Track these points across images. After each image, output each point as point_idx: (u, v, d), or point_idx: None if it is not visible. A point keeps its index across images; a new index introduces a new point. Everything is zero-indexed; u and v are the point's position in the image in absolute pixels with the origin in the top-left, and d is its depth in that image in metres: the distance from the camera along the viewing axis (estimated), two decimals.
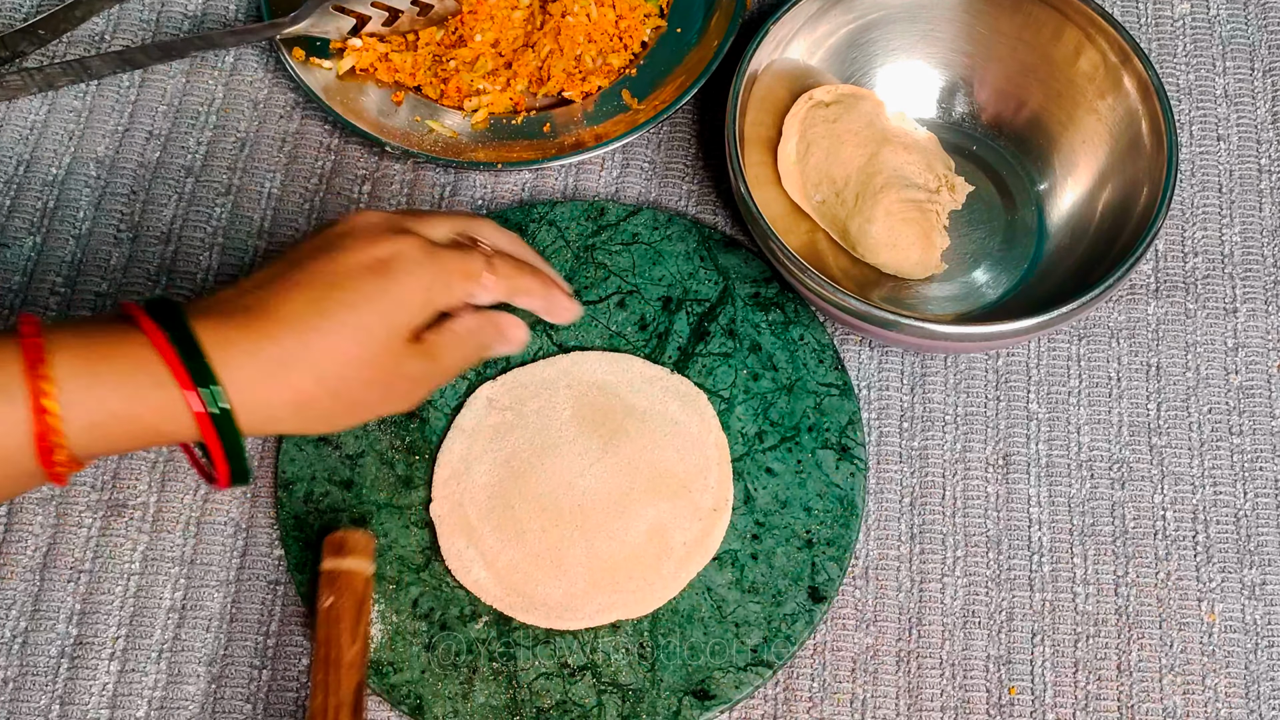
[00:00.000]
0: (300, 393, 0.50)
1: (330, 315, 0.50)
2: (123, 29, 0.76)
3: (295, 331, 0.50)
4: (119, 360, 0.48)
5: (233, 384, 0.48)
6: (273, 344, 0.49)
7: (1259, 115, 0.74)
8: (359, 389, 0.51)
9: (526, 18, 0.74)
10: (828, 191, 0.69)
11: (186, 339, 0.48)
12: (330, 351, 0.50)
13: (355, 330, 0.51)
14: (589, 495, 0.63)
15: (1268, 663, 0.62)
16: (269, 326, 0.50)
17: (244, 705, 0.61)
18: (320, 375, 0.50)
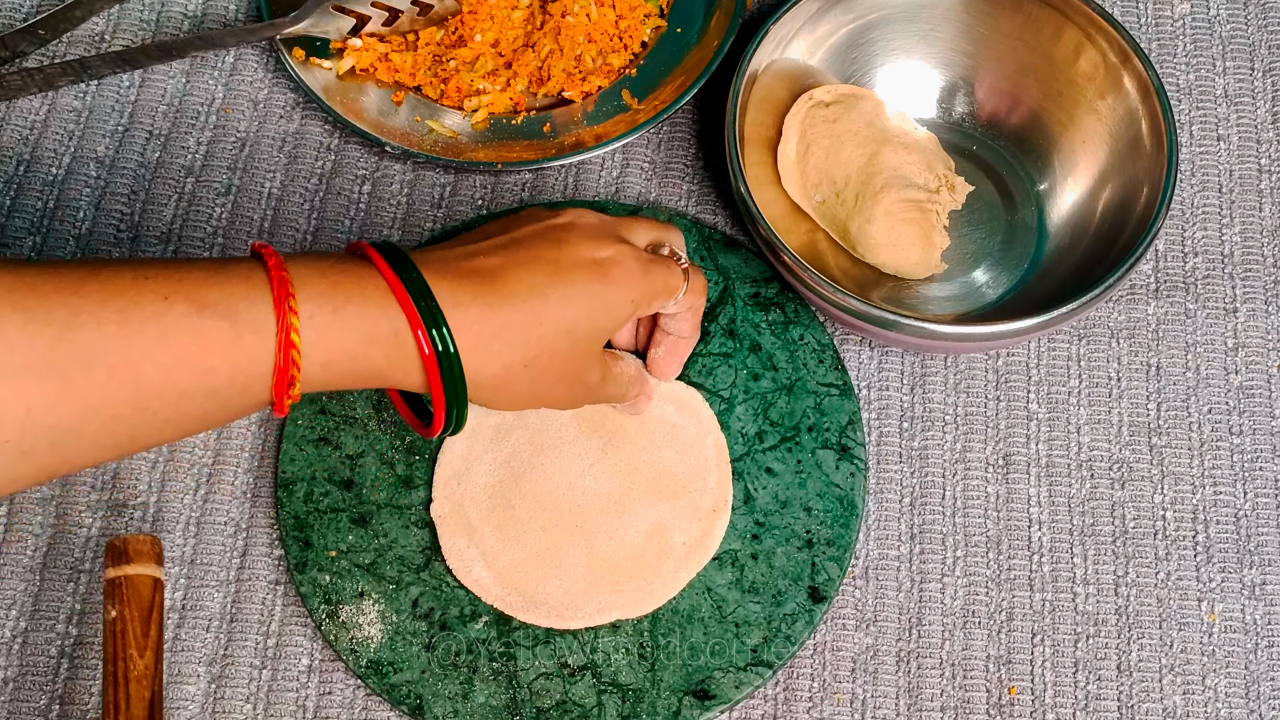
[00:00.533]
0: (508, 369, 0.51)
1: (552, 304, 0.51)
2: (123, 29, 0.76)
3: (520, 310, 0.51)
4: (360, 301, 0.48)
5: (458, 340, 0.49)
6: (497, 315, 0.50)
7: (1259, 115, 0.74)
8: (552, 380, 0.53)
9: (526, 18, 0.74)
10: (828, 191, 0.69)
11: (421, 286, 0.49)
12: (544, 338, 0.51)
13: (570, 325, 0.52)
14: (589, 496, 0.63)
15: (1268, 663, 0.62)
16: (495, 298, 0.50)
17: (244, 705, 0.61)
18: (529, 359, 0.51)
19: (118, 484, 0.65)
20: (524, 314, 0.51)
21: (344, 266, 0.49)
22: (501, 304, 0.51)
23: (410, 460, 0.64)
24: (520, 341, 0.51)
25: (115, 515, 0.64)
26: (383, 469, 0.64)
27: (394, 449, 0.64)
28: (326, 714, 0.61)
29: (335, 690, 0.61)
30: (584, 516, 0.62)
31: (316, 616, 0.61)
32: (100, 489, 0.65)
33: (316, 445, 0.65)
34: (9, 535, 0.64)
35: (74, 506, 0.64)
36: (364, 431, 0.65)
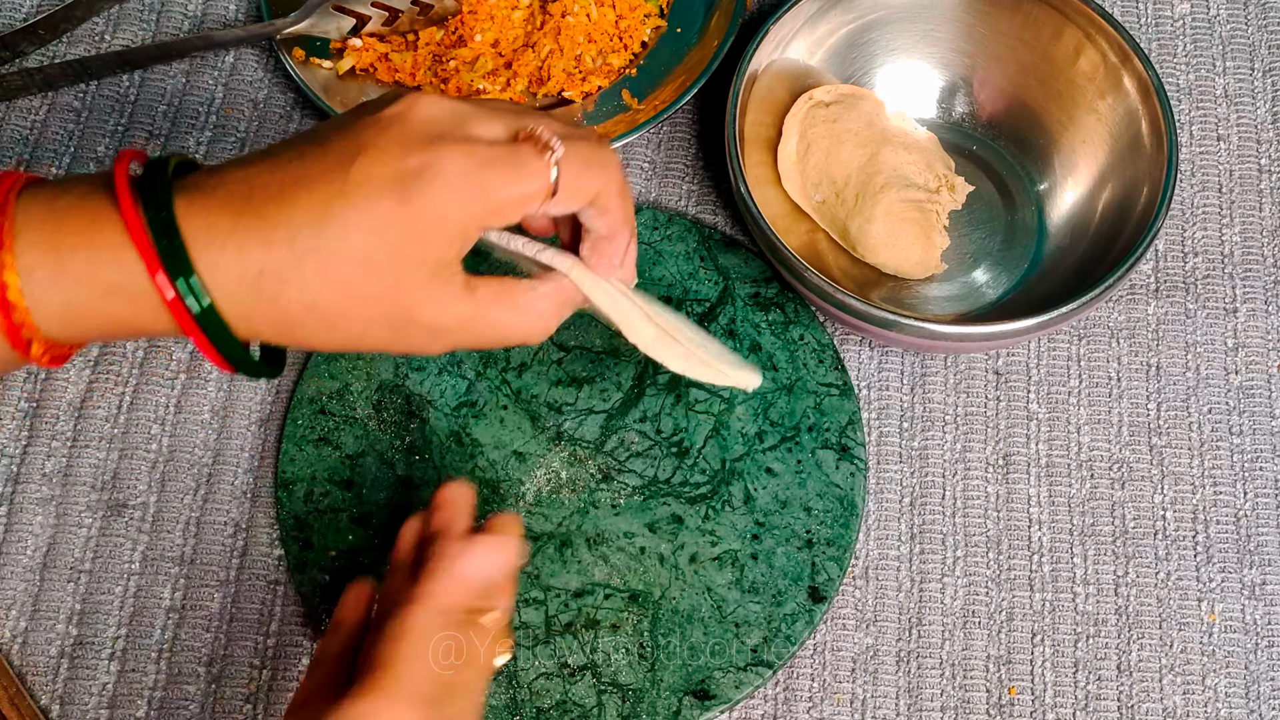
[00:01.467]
0: (286, 315, 0.43)
1: (331, 239, 0.42)
2: (123, 29, 0.76)
3: (290, 243, 0.42)
4: (88, 248, 0.42)
5: (215, 285, 0.42)
6: (263, 251, 0.42)
7: (1259, 115, 0.74)
8: (359, 325, 0.44)
9: (526, 18, 0.74)
10: (828, 191, 0.69)
11: (168, 223, 0.41)
12: (326, 278, 0.43)
13: (359, 261, 0.43)
14: None
15: (1268, 663, 0.62)
16: (263, 227, 0.42)
17: (244, 705, 0.61)
18: (311, 302, 0.43)
19: (118, 484, 0.65)
20: (291, 251, 0.42)
21: (85, 200, 0.42)
22: (269, 234, 0.42)
23: (410, 460, 0.64)
24: (294, 284, 0.42)
25: (115, 515, 0.64)
26: (383, 469, 0.64)
27: (394, 449, 0.65)
28: None
29: None
30: None
31: (316, 616, 0.61)
32: (100, 489, 0.65)
33: (316, 445, 0.65)
34: (9, 535, 0.64)
35: (74, 506, 0.64)
36: (364, 431, 0.65)
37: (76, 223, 0.42)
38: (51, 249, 0.41)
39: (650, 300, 0.54)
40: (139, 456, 0.65)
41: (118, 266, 0.42)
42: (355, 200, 0.42)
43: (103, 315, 0.42)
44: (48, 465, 0.65)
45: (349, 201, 0.42)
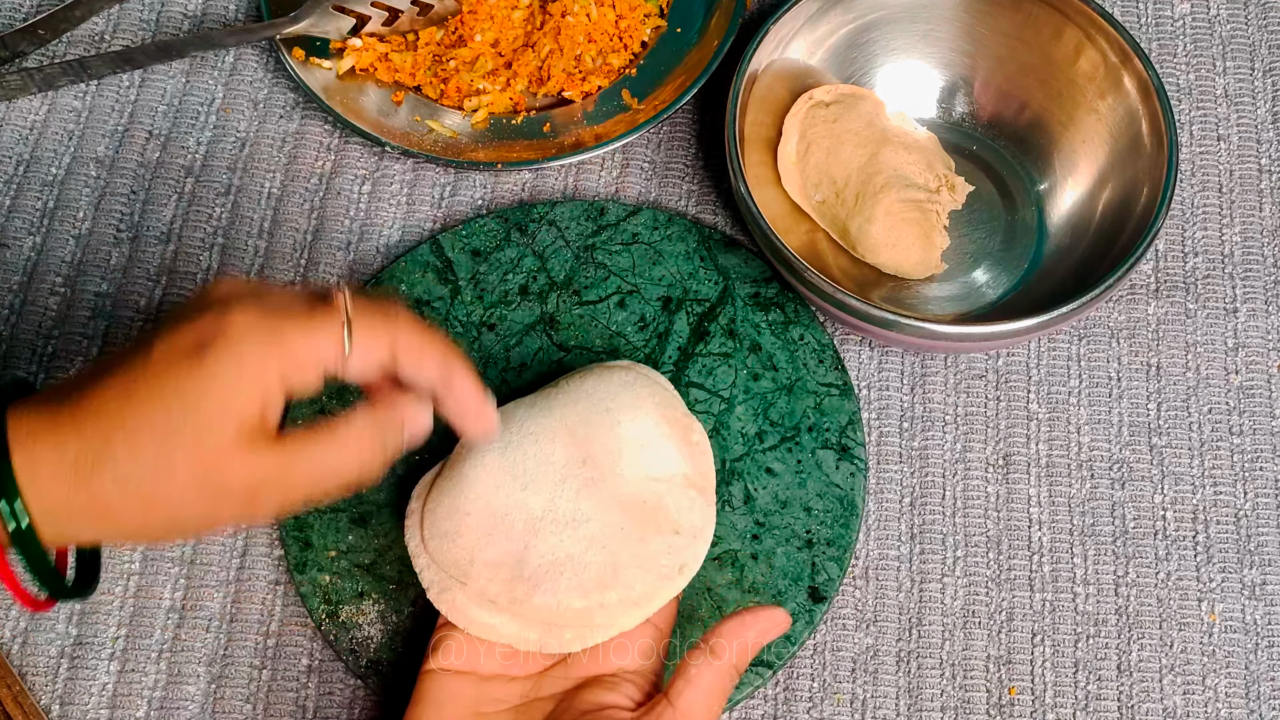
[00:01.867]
0: (100, 501, 0.42)
1: (135, 413, 0.43)
2: (123, 29, 0.76)
3: (97, 424, 0.42)
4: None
5: (33, 487, 0.42)
6: (78, 441, 0.42)
7: (1259, 115, 0.74)
8: (175, 503, 0.43)
9: (526, 17, 0.74)
10: (828, 191, 0.69)
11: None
12: (133, 450, 0.42)
13: (163, 431, 0.42)
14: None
15: (1268, 663, 0.62)
16: (76, 415, 0.43)
17: (244, 705, 0.61)
18: (124, 483, 0.42)
19: None
20: (98, 431, 0.42)
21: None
22: (82, 425, 0.42)
23: (410, 460, 0.64)
24: (106, 467, 0.42)
25: None
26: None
27: None
28: (326, 714, 0.61)
29: (335, 690, 0.61)
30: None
31: (316, 616, 0.61)
32: None
33: None
34: None
35: None
36: None
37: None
38: None
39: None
40: None
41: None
42: (154, 373, 0.43)
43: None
44: None
45: (149, 375, 0.43)
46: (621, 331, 0.67)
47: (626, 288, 0.68)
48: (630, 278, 0.68)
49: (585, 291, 0.68)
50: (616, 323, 0.67)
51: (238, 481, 0.44)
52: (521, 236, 0.69)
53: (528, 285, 0.68)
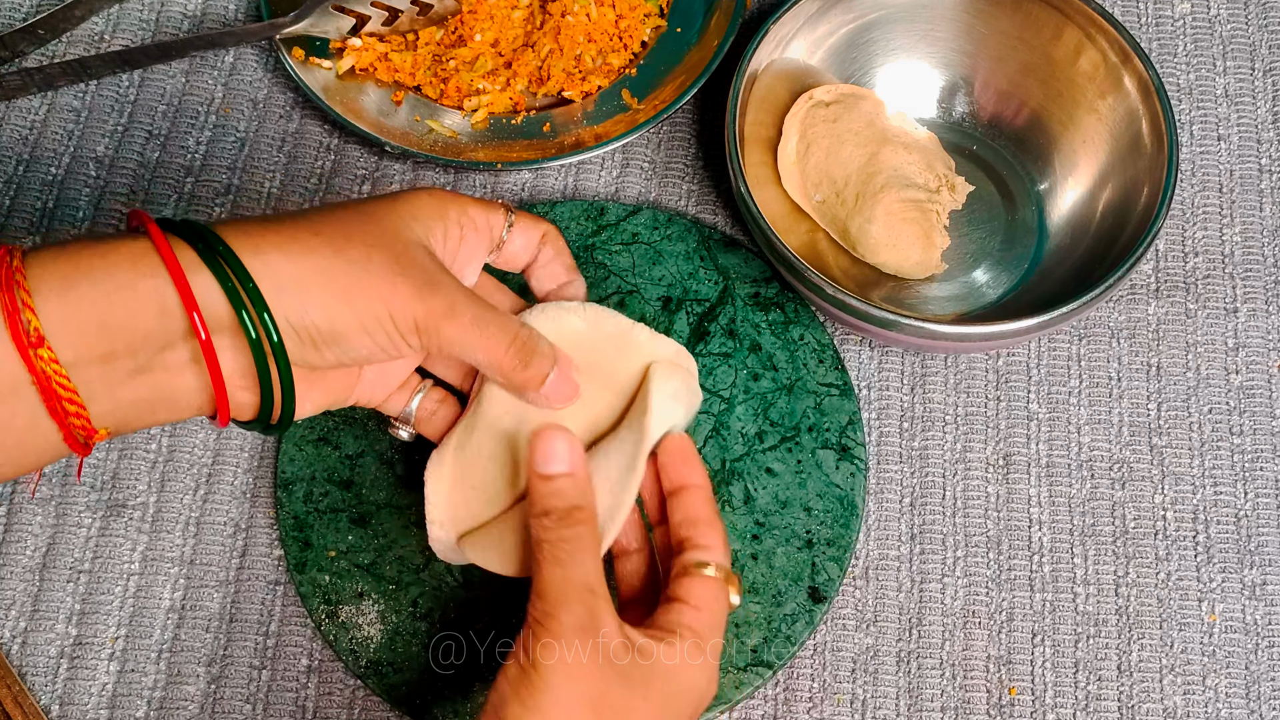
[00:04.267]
0: (316, 260, 0.45)
1: (345, 211, 0.48)
2: (123, 29, 0.76)
3: (309, 222, 0.46)
4: (109, 257, 0.43)
5: (260, 283, 0.44)
6: (285, 228, 0.46)
7: (1259, 115, 0.74)
8: (380, 266, 0.47)
9: (526, 17, 0.74)
10: (828, 191, 0.69)
11: (198, 229, 0.44)
12: (344, 227, 0.46)
13: (370, 217, 0.47)
14: None
15: (1268, 663, 0.62)
16: (281, 222, 0.46)
17: (244, 705, 0.61)
18: (337, 246, 0.46)
19: (117, 484, 0.65)
20: (314, 221, 0.46)
21: (99, 239, 0.44)
22: (286, 223, 0.46)
23: (410, 460, 0.64)
24: (319, 237, 0.45)
25: (115, 515, 0.64)
26: (383, 469, 0.64)
27: (394, 449, 0.64)
28: (326, 714, 0.61)
29: (335, 690, 0.61)
30: None
31: (316, 617, 0.61)
32: (100, 489, 0.65)
33: (316, 445, 0.65)
34: (9, 535, 0.64)
35: (74, 506, 0.64)
36: (364, 431, 0.65)
37: (96, 250, 0.43)
38: (72, 267, 0.42)
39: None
40: (139, 456, 0.65)
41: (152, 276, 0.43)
42: (357, 205, 0.48)
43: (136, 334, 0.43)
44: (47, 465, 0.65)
45: (352, 206, 0.48)
46: None
47: (626, 288, 0.68)
48: (630, 278, 0.68)
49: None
50: None
51: (434, 271, 0.48)
52: None
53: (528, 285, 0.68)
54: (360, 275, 0.46)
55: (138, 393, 0.44)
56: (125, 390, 0.44)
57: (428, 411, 0.56)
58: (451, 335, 0.48)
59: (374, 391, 0.54)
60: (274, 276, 0.44)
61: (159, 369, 0.44)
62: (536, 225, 0.55)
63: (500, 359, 0.50)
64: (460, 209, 0.51)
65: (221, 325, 0.44)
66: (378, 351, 0.48)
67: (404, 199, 0.49)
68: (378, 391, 0.55)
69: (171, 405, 0.46)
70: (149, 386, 0.45)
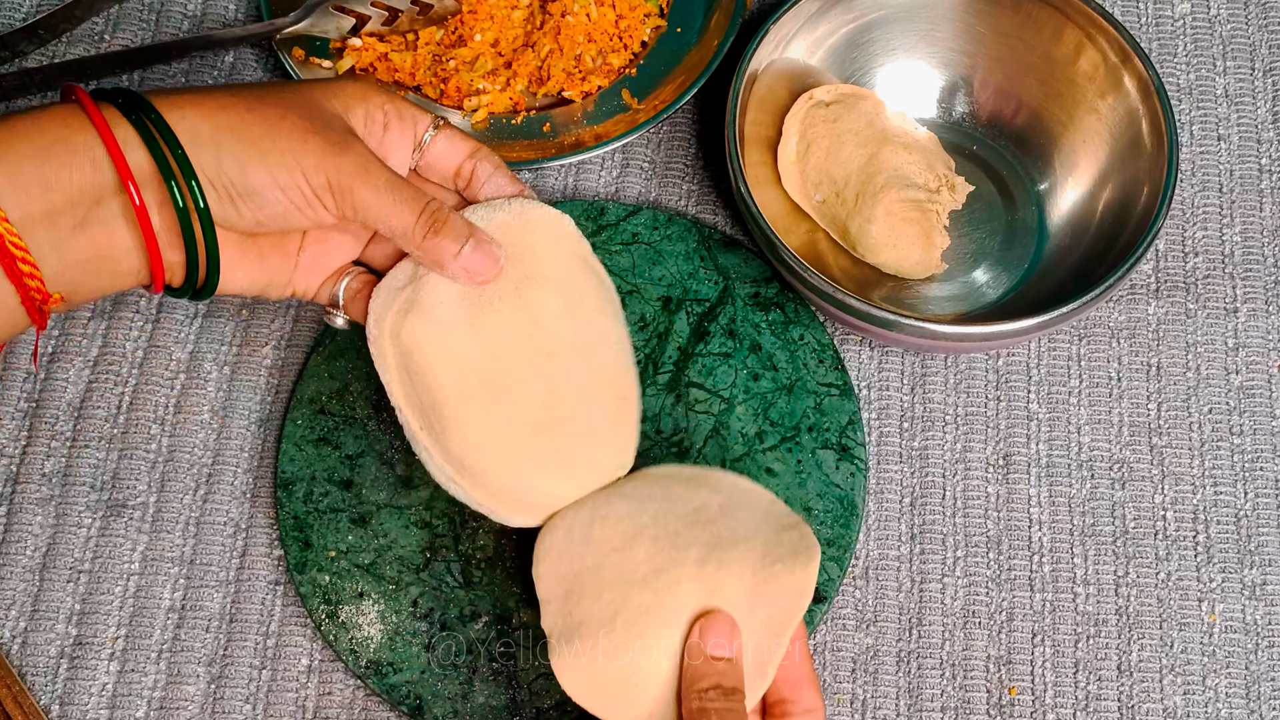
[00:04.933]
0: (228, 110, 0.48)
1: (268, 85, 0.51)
2: (123, 29, 0.76)
3: (231, 91, 0.49)
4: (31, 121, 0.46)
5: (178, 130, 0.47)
6: (205, 96, 0.49)
7: (1259, 115, 0.74)
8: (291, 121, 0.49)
9: (526, 17, 0.74)
10: (828, 191, 0.69)
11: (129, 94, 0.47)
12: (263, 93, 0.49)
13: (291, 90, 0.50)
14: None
15: (1268, 663, 0.62)
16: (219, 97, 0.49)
17: (244, 705, 0.61)
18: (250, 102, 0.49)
19: (117, 484, 0.65)
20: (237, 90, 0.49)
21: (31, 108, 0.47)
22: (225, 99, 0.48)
23: (410, 460, 0.64)
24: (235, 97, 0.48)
25: (115, 515, 0.64)
26: (382, 469, 0.64)
27: (394, 449, 0.64)
28: (326, 714, 0.61)
29: (335, 690, 0.61)
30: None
31: (316, 617, 0.61)
32: (100, 489, 0.65)
33: (316, 445, 0.65)
34: (9, 535, 0.64)
35: (74, 506, 0.64)
36: (364, 431, 0.65)
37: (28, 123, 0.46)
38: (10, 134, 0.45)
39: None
40: (139, 456, 0.65)
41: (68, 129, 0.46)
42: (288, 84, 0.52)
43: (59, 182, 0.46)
44: (47, 465, 0.65)
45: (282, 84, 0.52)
46: None
47: (626, 288, 0.68)
48: (630, 278, 0.68)
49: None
50: None
51: (345, 138, 0.49)
52: None
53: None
54: (272, 131, 0.48)
55: (81, 252, 0.47)
56: (70, 249, 0.46)
57: (353, 292, 0.56)
58: (363, 197, 0.49)
59: (309, 279, 0.56)
60: (191, 131, 0.47)
61: (96, 224, 0.47)
62: (465, 140, 0.55)
63: (411, 225, 0.51)
64: (386, 98, 0.52)
65: (146, 179, 0.47)
66: (293, 210, 0.49)
67: (330, 82, 0.52)
68: (312, 280, 0.56)
69: (114, 267, 0.48)
70: (90, 245, 0.47)
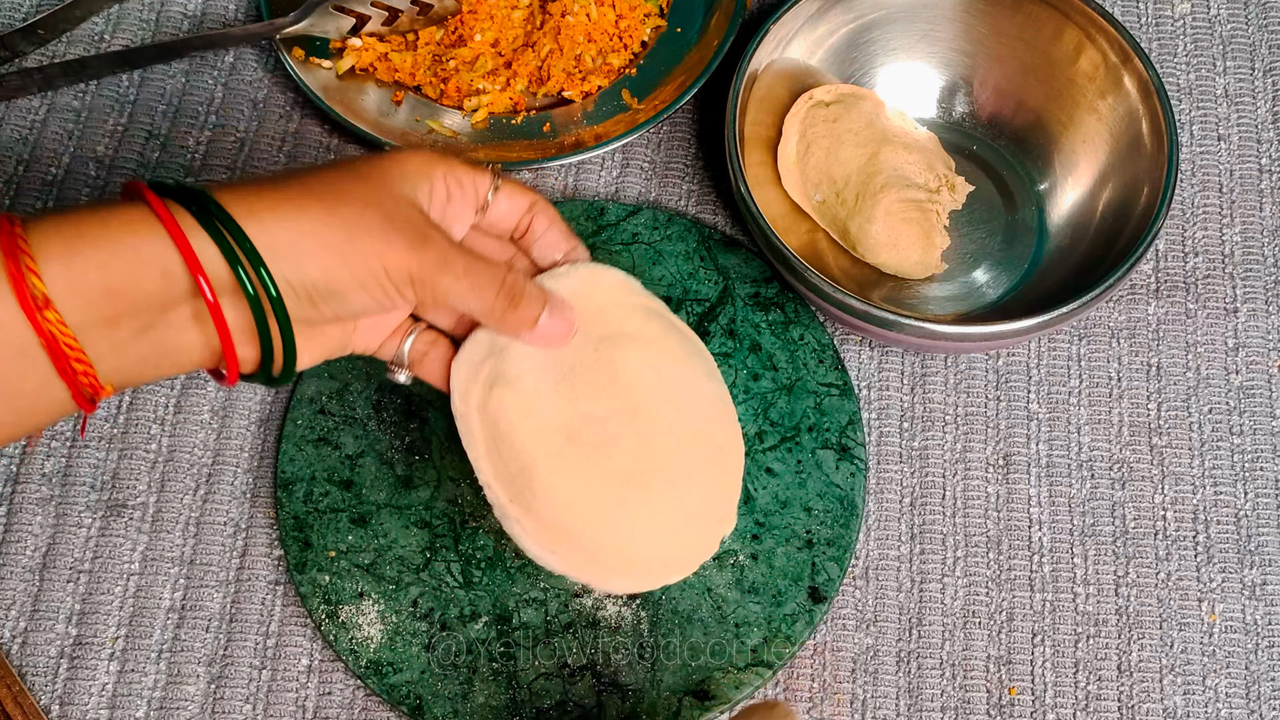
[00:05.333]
0: (312, 220, 0.46)
1: (337, 170, 0.48)
2: (122, 29, 0.76)
3: (300, 183, 0.47)
4: (112, 224, 0.44)
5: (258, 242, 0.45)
6: (277, 192, 0.46)
7: (1259, 115, 0.74)
8: (375, 223, 0.48)
9: (526, 17, 0.74)
10: (828, 191, 0.69)
11: (183, 191, 0.45)
12: (339, 187, 0.47)
13: (363, 176, 0.48)
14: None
15: (1268, 663, 0.62)
16: (274, 184, 0.47)
17: (244, 705, 0.61)
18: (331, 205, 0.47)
19: (117, 484, 0.65)
20: (306, 182, 0.47)
21: (96, 205, 0.45)
22: (278, 185, 0.46)
23: (410, 460, 0.64)
24: (311, 198, 0.46)
25: (115, 515, 0.64)
26: (383, 469, 0.64)
27: (394, 449, 0.64)
28: (326, 714, 0.61)
29: (335, 690, 0.61)
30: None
31: (316, 617, 0.61)
32: (100, 489, 0.65)
33: (316, 445, 0.65)
34: (9, 535, 0.64)
35: (74, 506, 0.64)
36: (364, 431, 0.65)
37: (98, 216, 0.44)
38: (75, 234, 0.43)
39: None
40: (139, 456, 0.65)
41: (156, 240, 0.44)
42: (350, 165, 0.49)
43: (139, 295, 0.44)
44: (47, 465, 0.65)
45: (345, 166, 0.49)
46: None
47: None
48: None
49: None
50: None
51: (427, 227, 0.49)
52: None
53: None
54: (354, 234, 0.47)
55: (143, 350, 0.46)
56: (131, 349, 0.45)
57: (419, 353, 0.56)
58: (445, 285, 0.50)
59: (369, 339, 0.55)
60: (269, 237, 0.45)
61: (162, 327, 0.46)
62: (524, 193, 0.55)
63: (491, 303, 0.52)
64: (447, 168, 0.52)
65: (221, 286, 0.46)
66: (374, 305, 0.49)
67: (393, 159, 0.50)
68: (373, 339, 0.55)
69: (175, 360, 0.47)
70: (153, 344, 0.46)
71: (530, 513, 0.54)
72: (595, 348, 0.55)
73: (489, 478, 0.54)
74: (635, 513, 0.54)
